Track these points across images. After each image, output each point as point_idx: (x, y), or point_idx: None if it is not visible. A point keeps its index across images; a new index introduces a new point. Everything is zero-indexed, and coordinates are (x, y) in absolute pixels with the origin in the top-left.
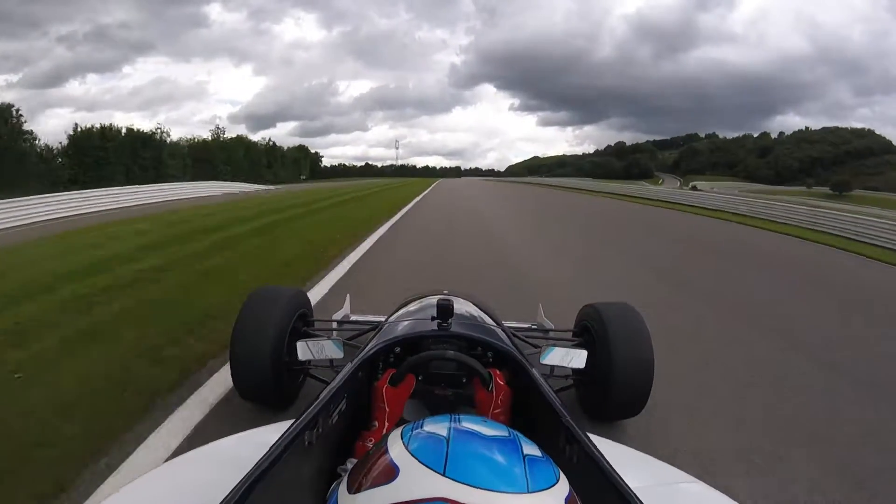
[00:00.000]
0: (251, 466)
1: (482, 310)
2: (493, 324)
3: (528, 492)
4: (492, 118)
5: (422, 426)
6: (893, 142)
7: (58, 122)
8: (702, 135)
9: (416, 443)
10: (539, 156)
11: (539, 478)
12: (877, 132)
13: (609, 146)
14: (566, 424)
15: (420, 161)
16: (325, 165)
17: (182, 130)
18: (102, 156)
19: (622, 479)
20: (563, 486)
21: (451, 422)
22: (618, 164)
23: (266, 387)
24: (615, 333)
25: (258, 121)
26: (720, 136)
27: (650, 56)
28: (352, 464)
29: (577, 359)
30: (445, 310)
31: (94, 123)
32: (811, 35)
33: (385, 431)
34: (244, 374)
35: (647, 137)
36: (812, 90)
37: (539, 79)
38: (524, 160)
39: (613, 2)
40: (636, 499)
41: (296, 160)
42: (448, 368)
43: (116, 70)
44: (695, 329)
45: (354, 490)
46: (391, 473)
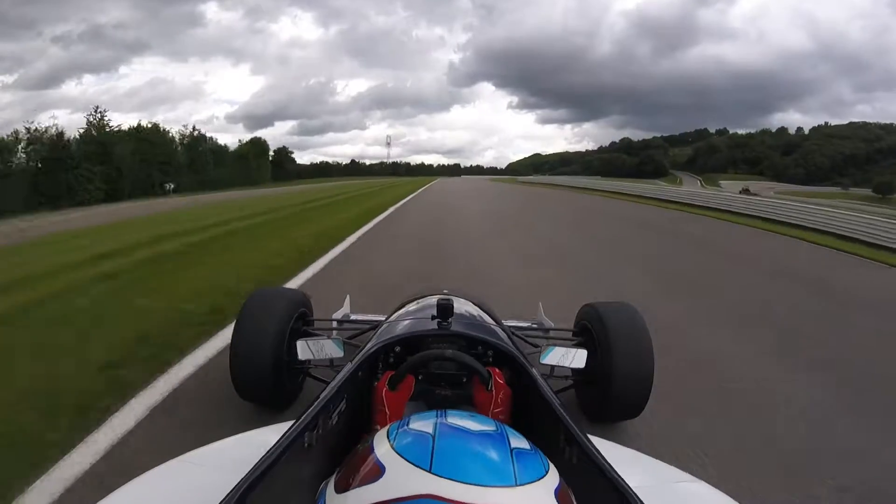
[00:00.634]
0: (250, 467)
1: (482, 309)
2: (493, 323)
3: (516, 485)
4: (490, 116)
5: (408, 424)
6: None
7: (56, 123)
8: (711, 130)
9: (402, 441)
10: (541, 153)
11: (527, 470)
12: None
13: (614, 143)
14: (565, 424)
15: (417, 159)
16: (308, 163)
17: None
18: None
19: (622, 479)
20: (553, 478)
21: (438, 418)
22: (629, 161)
23: (266, 387)
24: (615, 333)
25: (256, 120)
26: (730, 132)
27: (649, 53)
28: None
29: (577, 359)
30: (445, 309)
31: None
32: (811, 31)
33: None
34: (244, 375)
35: (647, 135)
36: (811, 86)
37: (538, 77)
38: (525, 157)
39: None
40: (636, 498)
41: (241, 157)
42: (448, 368)
43: (113, 70)
44: None
45: (342, 490)
46: (377, 472)
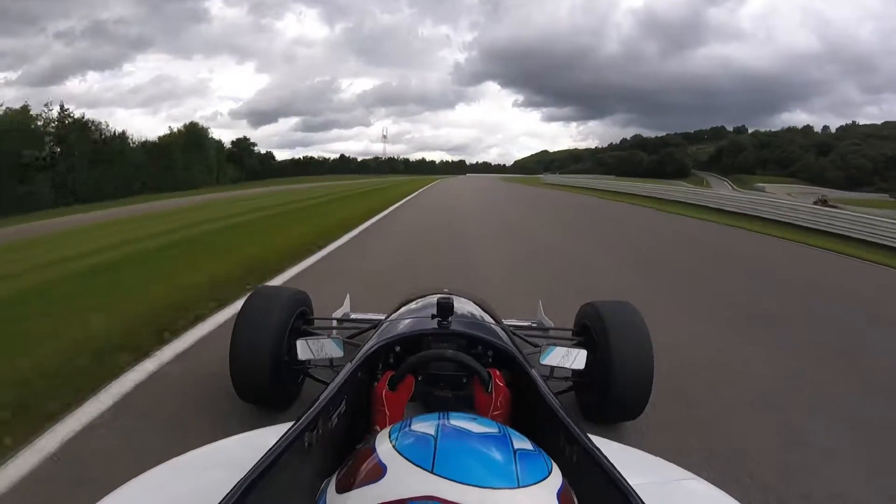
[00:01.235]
0: (250, 467)
1: (482, 308)
2: (494, 322)
3: (518, 486)
4: (495, 114)
5: (409, 425)
6: None
7: None
8: (729, 128)
9: (404, 441)
10: (548, 150)
11: (529, 472)
12: None
13: (625, 140)
14: (565, 424)
15: (419, 155)
16: (290, 159)
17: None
18: None
19: (622, 477)
20: (556, 479)
21: (440, 419)
22: (647, 160)
23: (265, 387)
24: (615, 332)
25: (260, 116)
26: (749, 130)
27: (656, 52)
28: None
29: (578, 359)
30: (445, 308)
31: None
32: (819, 32)
33: None
34: (244, 375)
35: (653, 133)
36: (818, 87)
37: (544, 75)
38: (533, 154)
39: None
40: (636, 496)
41: (157, 151)
42: (448, 369)
43: (117, 67)
44: None
45: (343, 490)
46: (379, 472)
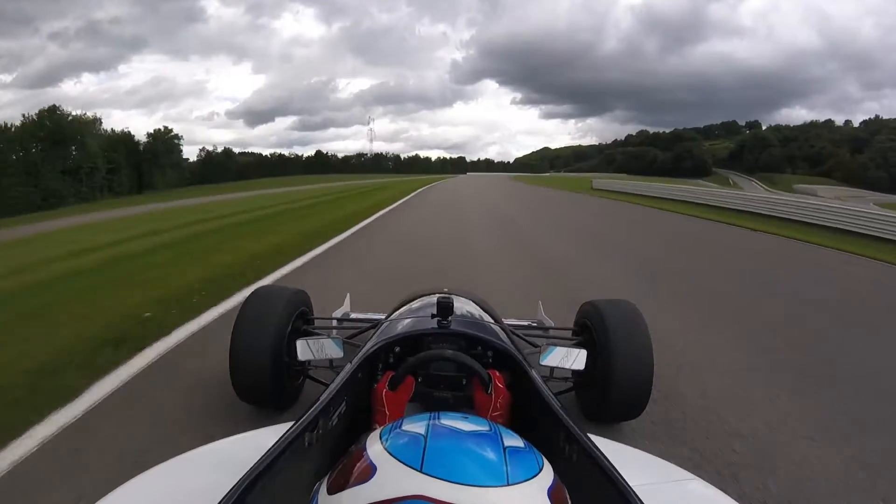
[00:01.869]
0: (250, 467)
1: (482, 308)
2: (493, 322)
3: (508, 484)
4: (493, 112)
5: (400, 425)
6: None
7: None
8: (741, 123)
9: (394, 441)
10: (550, 147)
11: (520, 469)
12: None
13: (631, 136)
14: (565, 423)
15: (419, 154)
16: (262, 154)
17: (180, 127)
18: None
19: (622, 477)
20: (547, 476)
21: (430, 419)
22: (662, 156)
23: (265, 388)
24: (615, 331)
25: (257, 116)
26: (763, 126)
27: (655, 49)
28: None
29: (578, 360)
30: (445, 308)
31: None
32: (820, 28)
33: None
34: (244, 375)
35: (653, 130)
36: (819, 84)
37: (541, 73)
38: (534, 151)
39: None
40: (635, 497)
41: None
42: (448, 369)
43: (112, 68)
44: None
45: (334, 491)
46: (368, 472)
